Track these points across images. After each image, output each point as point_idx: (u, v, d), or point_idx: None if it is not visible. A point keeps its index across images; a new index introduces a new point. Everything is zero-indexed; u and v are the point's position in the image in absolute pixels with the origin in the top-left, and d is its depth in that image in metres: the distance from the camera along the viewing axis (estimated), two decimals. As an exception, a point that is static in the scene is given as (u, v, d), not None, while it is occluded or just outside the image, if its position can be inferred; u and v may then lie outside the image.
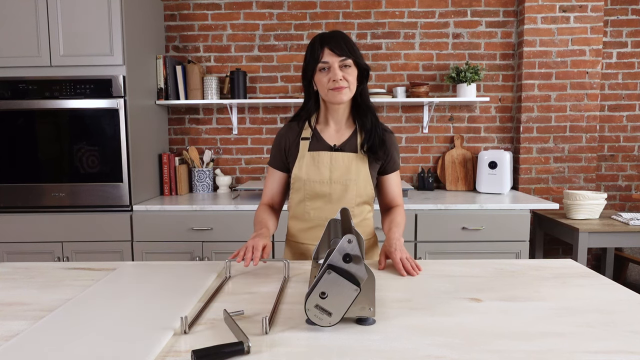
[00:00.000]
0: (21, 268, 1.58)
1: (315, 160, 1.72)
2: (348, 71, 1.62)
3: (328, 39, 1.61)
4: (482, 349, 0.96)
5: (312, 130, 1.76)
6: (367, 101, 1.73)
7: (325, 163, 1.71)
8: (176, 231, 3.01)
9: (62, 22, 2.88)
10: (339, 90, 1.62)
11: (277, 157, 1.81)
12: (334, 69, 1.60)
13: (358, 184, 1.71)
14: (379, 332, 1.04)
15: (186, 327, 1.04)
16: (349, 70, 1.62)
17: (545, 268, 1.54)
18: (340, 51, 1.59)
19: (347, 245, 1.02)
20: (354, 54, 1.62)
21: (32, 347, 0.95)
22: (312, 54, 1.63)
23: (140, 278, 1.43)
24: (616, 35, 3.67)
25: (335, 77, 1.60)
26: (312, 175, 1.71)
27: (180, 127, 3.75)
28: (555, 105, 3.53)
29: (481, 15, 3.62)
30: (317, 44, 1.62)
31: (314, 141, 1.74)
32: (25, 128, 2.95)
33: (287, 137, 1.78)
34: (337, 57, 1.59)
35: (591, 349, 0.96)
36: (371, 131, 1.70)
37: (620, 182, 3.78)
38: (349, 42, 1.62)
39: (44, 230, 3.00)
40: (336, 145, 1.73)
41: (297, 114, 1.80)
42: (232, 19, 3.65)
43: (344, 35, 1.64)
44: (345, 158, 1.71)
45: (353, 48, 1.62)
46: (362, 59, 1.65)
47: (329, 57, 1.60)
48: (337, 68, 1.60)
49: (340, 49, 1.59)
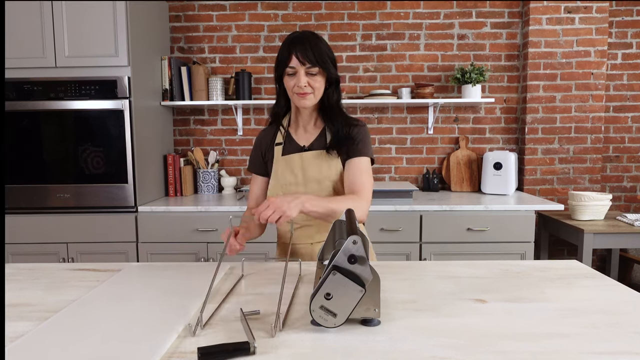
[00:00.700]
0: (26, 269, 1.58)
1: (289, 163, 1.73)
2: (314, 78, 1.61)
3: (297, 44, 1.59)
4: (487, 350, 0.96)
5: (284, 133, 1.78)
6: (333, 103, 1.71)
7: (297, 164, 1.72)
8: (181, 232, 3.02)
9: (67, 23, 2.89)
10: (302, 96, 1.63)
11: (256, 163, 1.84)
12: (299, 75, 1.59)
13: (331, 179, 1.71)
14: (384, 333, 1.04)
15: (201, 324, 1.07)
16: (315, 77, 1.61)
17: (550, 269, 1.53)
18: (306, 59, 1.57)
19: (352, 246, 1.01)
20: (321, 63, 1.59)
21: (37, 348, 0.95)
22: (281, 56, 1.62)
23: (146, 279, 1.43)
24: (621, 36, 3.66)
25: (300, 83, 1.59)
26: (287, 178, 1.72)
27: (185, 128, 3.75)
28: (560, 106, 3.52)
29: (486, 16, 3.62)
30: (286, 47, 1.61)
31: (286, 144, 1.76)
32: (30, 129, 2.96)
33: (263, 142, 1.81)
34: (304, 65, 1.58)
35: (596, 350, 0.95)
36: (337, 132, 1.70)
37: (626, 183, 3.77)
38: (318, 49, 1.59)
39: (49, 231, 3.01)
40: (305, 146, 1.75)
41: (271, 113, 1.81)
42: (237, 20, 3.65)
43: (315, 40, 1.61)
44: (315, 156, 1.71)
45: (322, 56, 1.59)
46: (330, 67, 1.63)
47: (296, 63, 1.58)
48: (303, 75, 1.59)
49: (307, 57, 1.57)
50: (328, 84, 1.67)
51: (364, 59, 3.66)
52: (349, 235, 1.03)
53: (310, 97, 1.63)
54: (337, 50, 3.64)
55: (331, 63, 1.64)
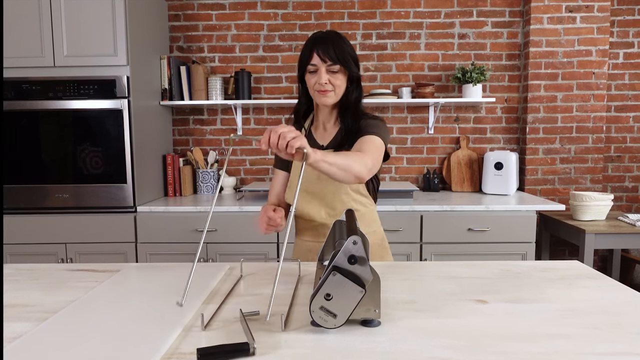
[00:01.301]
0: (25, 269, 1.57)
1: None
2: (335, 75, 1.63)
3: (319, 42, 1.61)
4: (487, 350, 0.95)
5: (306, 131, 1.80)
6: (352, 102, 1.72)
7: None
8: (180, 232, 3.01)
9: (66, 22, 2.88)
10: (323, 94, 1.65)
11: (278, 158, 1.86)
12: (320, 72, 1.61)
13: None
14: (384, 333, 1.03)
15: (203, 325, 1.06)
16: (336, 75, 1.63)
17: (551, 269, 1.53)
18: (328, 57, 1.60)
19: (352, 247, 1.01)
20: (342, 61, 1.61)
21: (36, 348, 0.95)
22: (303, 55, 1.65)
23: (145, 280, 1.42)
24: (623, 36, 3.64)
25: (321, 80, 1.61)
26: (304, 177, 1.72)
27: (185, 127, 3.74)
28: (562, 106, 3.51)
29: (487, 16, 3.60)
30: (308, 46, 1.63)
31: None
32: (28, 129, 2.95)
33: None
34: (325, 63, 1.60)
35: (597, 351, 0.95)
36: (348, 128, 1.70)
37: (627, 183, 3.75)
38: (340, 47, 1.61)
39: (47, 231, 3.00)
40: (324, 145, 1.76)
41: (293, 112, 1.85)
42: (237, 19, 3.64)
43: (337, 38, 1.64)
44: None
45: (343, 54, 1.61)
46: (351, 65, 1.64)
47: (317, 60, 1.61)
48: (324, 72, 1.61)
49: (328, 54, 1.60)
50: (349, 82, 1.68)
51: (364, 59, 3.65)
52: (349, 235, 1.03)
53: (331, 94, 1.65)
54: (337, 50, 3.62)
55: (353, 61, 1.65)
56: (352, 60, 1.65)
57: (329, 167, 1.32)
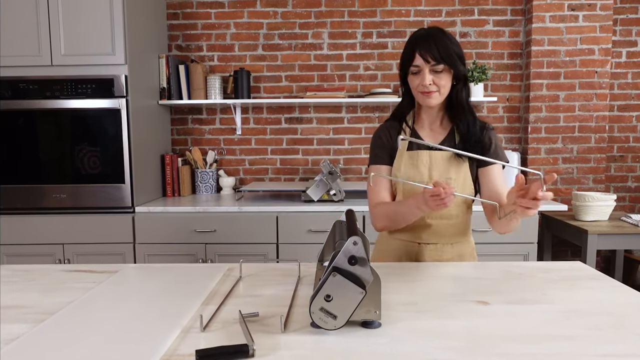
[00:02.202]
0: (21, 270, 1.57)
1: (414, 159, 1.67)
2: (439, 75, 1.56)
3: (420, 41, 1.55)
4: (489, 352, 0.95)
5: (410, 129, 1.73)
6: (462, 102, 1.64)
7: (425, 162, 1.66)
8: (179, 233, 2.98)
9: (63, 21, 2.86)
10: (427, 95, 1.58)
11: (381, 154, 1.74)
12: (423, 73, 1.55)
13: (457, 183, 1.66)
14: (384, 335, 1.03)
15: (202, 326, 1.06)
16: (440, 74, 1.56)
17: (553, 270, 1.52)
18: (431, 57, 1.53)
19: (352, 247, 1.01)
20: (447, 60, 1.54)
21: (32, 350, 0.94)
22: (405, 55, 1.60)
23: (143, 281, 1.42)
24: (626, 34, 3.61)
25: (424, 81, 1.55)
26: (410, 174, 1.67)
27: (183, 127, 3.72)
28: (564, 105, 3.48)
29: (488, 14, 3.58)
30: (410, 46, 1.57)
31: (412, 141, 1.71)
32: (25, 128, 2.93)
33: (388, 133, 1.74)
34: (428, 63, 1.54)
35: (600, 352, 0.94)
36: (467, 134, 1.64)
37: (630, 183, 3.72)
38: (443, 45, 1.54)
39: (44, 232, 2.98)
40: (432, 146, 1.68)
41: (394, 112, 1.77)
42: (236, 17, 3.62)
43: (440, 35, 1.56)
44: (444, 156, 1.66)
45: (447, 52, 1.54)
46: (456, 64, 1.56)
47: (420, 61, 1.55)
48: (427, 73, 1.55)
49: (432, 54, 1.53)
50: (455, 80, 1.62)
51: (365, 57, 3.63)
52: (350, 235, 1.03)
53: (435, 95, 1.59)
54: (337, 49, 3.61)
55: (458, 59, 1.58)
56: (458, 57, 1.57)
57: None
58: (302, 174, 3.72)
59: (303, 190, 3.09)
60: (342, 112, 3.66)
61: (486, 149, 1.66)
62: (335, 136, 3.68)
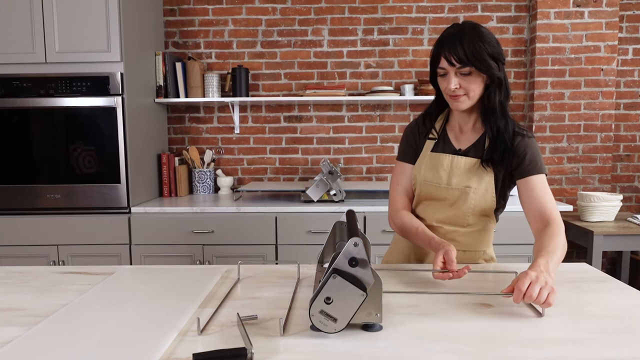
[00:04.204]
0: (15, 272, 1.56)
1: (435, 162, 1.61)
2: (467, 78, 1.44)
3: (446, 42, 1.43)
4: (492, 355, 0.94)
5: (439, 130, 1.65)
6: (494, 105, 1.51)
7: (445, 166, 1.59)
8: (176, 234, 2.94)
9: (58, 18, 2.82)
10: (455, 99, 1.48)
11: (407, 151, 1.70)
12: (449, 77, 1.45)
13: (477, 193, 1.57)
14: (385, 338, 1.03)
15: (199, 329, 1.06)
16: (468, 77, 1.44)
17: (558, 272, 1.47)
18: (456, 59, 1.41)
19: (353, 249, 1.00)
20: (474, 61, 1.41)
21: (26, 354, 0.94)
22: (432, 56, 1.50)
23: (139, 282, 1.41)
24: (632, 31, 3.56)
25: (450, 85, 1.45)
26: (428, 177, 1.61)
27: (180, 126, 3.67)
28: (569, 104, 3.43)
29: (492, 10, 3.52)
30: (436, 45, 1.47)
31: (440, 142, 1.63)
32: (19, 127, 2.89)
33: (417, 131, 1.69)
34: (453, 66, 1.43)
35: (606, 356, 0.94)
36: (496, 140, 1.53)
37: (637, 183, 3.68)
38: (472, 44, 1.40)
39: (38, 233, 2.93)
40: (461, 150, 1.60)
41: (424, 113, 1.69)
42: (234, 14, 3.56)
43: (470, 33, 1.43)
44: (467, 163, 1.57)
45: (475, 52, 1.40)
46: (486, 65, 1.43)
47: (445, 64, 1.44)
48: (453, 76, 1.44)
49: (457, 56, 1.41)
50: (490, 81, 1.48)
51: (366, 55, 3.57)
52: (350, 237, 1.03)
53: (463, 99, 1.48)
54: (337, 46, 3.55)
55: (491, 59, 1.43)
56: (490, 57, 1.43)
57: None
58: (301, 173, 3.67)
59: (302, 190, 3.06)
60: (343, 111, 3.61)
61: (518, 158, 1.53)
62: (336, 135, 3.63)
